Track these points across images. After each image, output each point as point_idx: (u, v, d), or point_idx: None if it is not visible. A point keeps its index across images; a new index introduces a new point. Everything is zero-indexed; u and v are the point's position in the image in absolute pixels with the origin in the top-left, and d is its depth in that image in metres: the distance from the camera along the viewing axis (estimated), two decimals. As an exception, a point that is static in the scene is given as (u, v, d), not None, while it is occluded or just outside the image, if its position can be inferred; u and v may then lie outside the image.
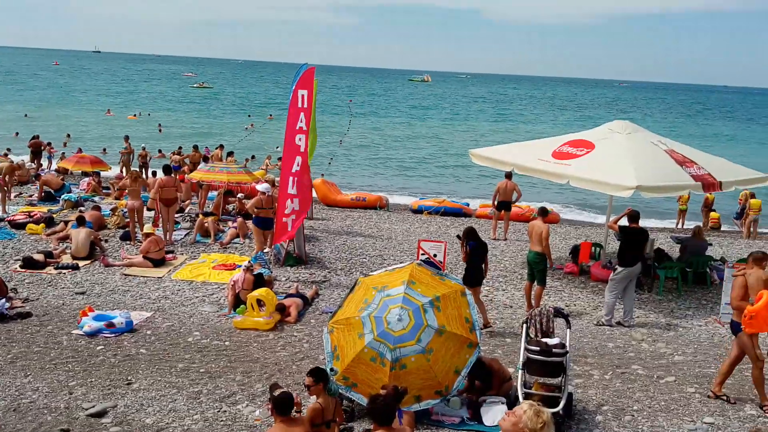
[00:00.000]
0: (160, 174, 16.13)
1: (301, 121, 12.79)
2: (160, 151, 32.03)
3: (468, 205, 22.93)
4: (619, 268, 11.25)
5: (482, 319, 10.69)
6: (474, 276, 10.72)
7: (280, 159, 17.99)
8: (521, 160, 14.11)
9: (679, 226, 22.51)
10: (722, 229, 22.49)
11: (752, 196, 20.76)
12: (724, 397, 8.49)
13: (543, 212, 12.17)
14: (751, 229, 20.75)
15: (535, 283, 11.73)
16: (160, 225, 15.66)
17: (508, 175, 17.17)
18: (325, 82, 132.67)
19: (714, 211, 22.78)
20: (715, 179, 12.82)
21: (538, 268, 11.59)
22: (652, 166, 12.64)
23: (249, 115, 59.16)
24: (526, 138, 21.79)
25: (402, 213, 21.70)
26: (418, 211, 21.70)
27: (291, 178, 12.89)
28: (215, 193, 18.88)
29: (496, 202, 17.61)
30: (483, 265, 10.87)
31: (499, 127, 63.74)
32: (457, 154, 38.79)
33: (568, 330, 8.21)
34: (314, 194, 20.63)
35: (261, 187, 14.50)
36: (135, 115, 54.14)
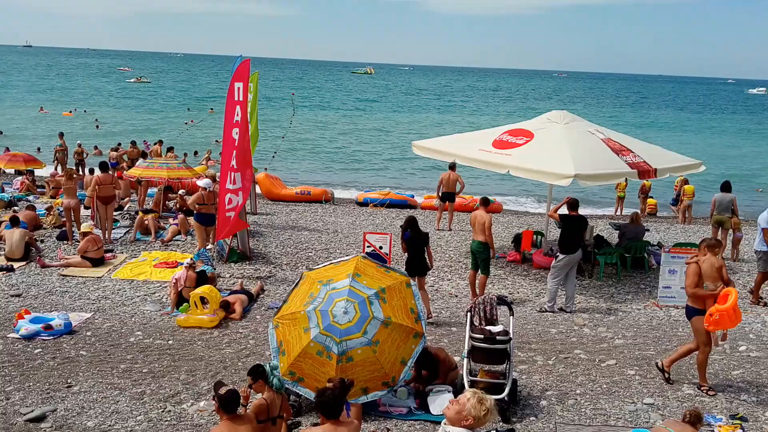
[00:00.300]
0: (97, 171, 15.71)
1: (237, 115, 12.59)
2: (96, 147, 31.24)
3: (413, 196, 23.07)
4: (561, 256, 11.47)
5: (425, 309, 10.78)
6: (413, 266, 10.74)
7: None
8: (463, 150, 14.23)
9: (618, 213, 23.08)
10: (659, 214, 23.17)
11: (686, 182, 21.43)
12: (667, 374, 8.69)
13: (485, 202, 12.31)
14: (686, 214, 21.43)
15: (479, 272, 11.87)
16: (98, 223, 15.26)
17: (452, 166, 17.34)
18: (267, 75, 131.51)
19: (651, 197, 23.45)
20: (650, 166, 13.16)
21: (482, 257, 11.73)
22: (590, 154, 12.90)
23: (188, 109, 58.18)
24: (469, 129, 22.01)
25: (347, 206, 21.69)
26: (363, 203, 21.72)
27: (230, 173, 12.71)
28: (155, 189, 18.50)
29: (440, 193, 17.78)
30: (426, 255, 10.91)
31: (443, 118, 64.22)
32: (401, 146, 38.94)
33: (511, 317, 8.33)
34: (258, 189, 20.44)
35: (202, 182, 14.27)
36: (70, 112, 52.64)
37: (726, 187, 15.76)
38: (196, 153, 31.06)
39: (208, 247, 13.78)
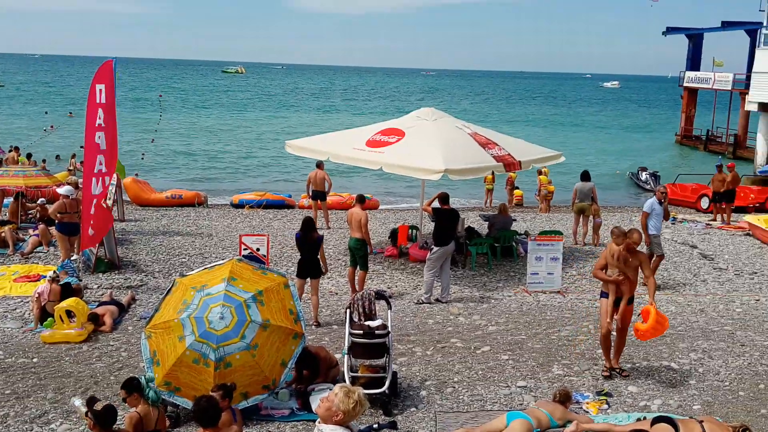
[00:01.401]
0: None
1: (100, 118, 12.05)
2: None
3: (290, 196, 22.89)
4: (435, 248, 11.79)
5: (313, 312, 10.73)
6: (304, 268, 10.64)
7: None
8: (337, 149, 14.33)
9: (487, 204, 23.95)
10: (525, 205, 24.23)
11: (540, 172, 22.48)
12: (619, 370, 8.87)
13: (360, 199, 12.43)
14: (545, 203, 22.58)
15: (358, 268, 11.98)
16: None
17: (319, 165, 17.46)
18: (135, 76, 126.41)
19: (518, 188, 24.49)
20: (515, 159, 13.78)
21: (359, 254, 11.85)
22: (458, 149, 13.34)
23: (46, 112, 54.97)
24: (342, 127, 22.11)
25: (222, 209, 21.23)
26: (239, 205, 21.32)
27: (96, 179, 12.14)
28: (11, 199, 17.32)
29: (310, 192, 17.90)
30: (319, 258, 10.81)
31: (318, 118, 64.20)
32: (276, 146, 38.56)
33: (389, 311, 8.47)
34: (125, 195, 19.62)
35: (63, 190, 13.51)
36: None
37: (585, 176, 16.71)
38: (57, 157, 29.43)
39: (72, 258, 13.09)
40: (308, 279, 10.72)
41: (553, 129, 60.40)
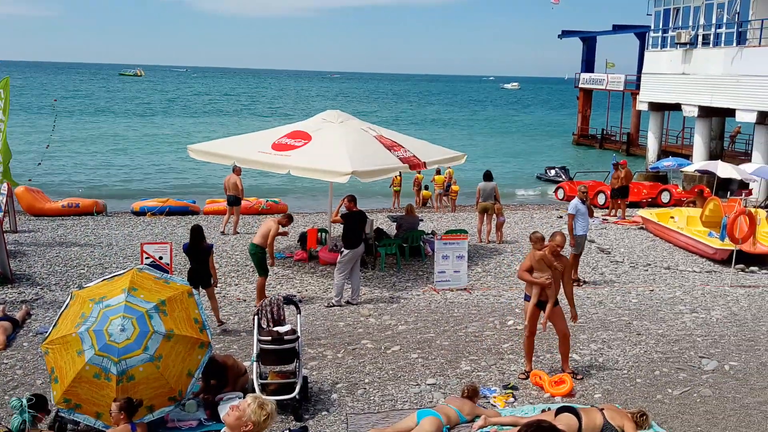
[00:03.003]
0: None
1: None
2: None
3: (194, 202, 22.36)
4: (345, 251, 11.79)
5: (214, 314, 10.57)
6: (195, 277, 10.40)
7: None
8: (241, 152, 14.11)
9: (395, 206, 24.18)
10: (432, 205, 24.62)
11: (438, 172, 22.90)
12: (571, 373, 8.70)
13: (289, 218, 12.25)
14: (440, 203, 23.10)
15: (258, 274, 11.83)
16: None
17: (235, 169, 17.17)
18: (27, 81, 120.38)
19: (426, 189, 24.85)
20: (419, 160, 13.98)
21: (255, 259, 11.65)
22: (365, 152, 13.40)
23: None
24: (246, 131, 21.78)
25: (122, 216, 20.49)
26: (140, 212, 20.64)
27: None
28: None
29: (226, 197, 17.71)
30: (210, 268, 10.62)
31: (221, 121, 63.07)
32: (178, 150, 37.58)
33: (298, 316, 8.41)
34: (17, 204, 18.64)
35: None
36: None
37: (488, 176, 17.13)
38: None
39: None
40: (200, 289, 10.43)
41: (456, 130, 61.64)
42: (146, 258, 11.30)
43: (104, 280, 7.69)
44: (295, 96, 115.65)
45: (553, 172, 32.21)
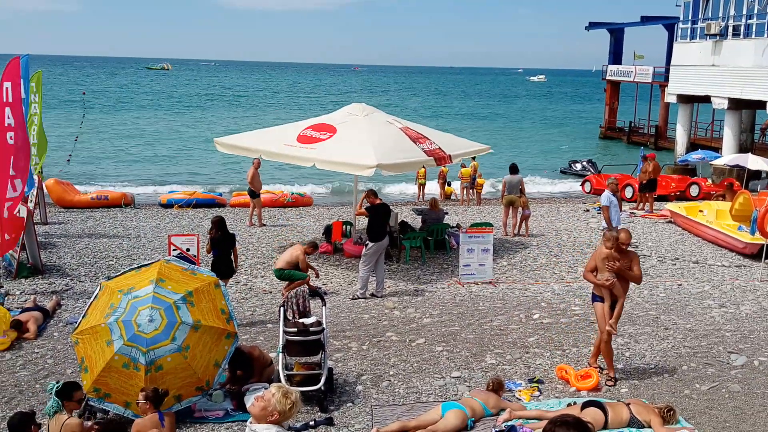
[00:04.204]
0: None
1: (9, 117, 11.57)
2: None
3: (221, 194, 22.56)
4: (370, 243, 11.82)
5: None
6: (218, 267, 10.49)
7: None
8: (267, 146, 14.18)
9: (420, 199, 24.15)
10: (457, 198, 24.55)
11: (463, 166, 22.83)
12: (597, 367, 8.61)
13: (314, 246, 12.14)
14: (466, 195, 22.96)
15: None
16: None
17: (254, 163, 17.29)
18: (52, 74, 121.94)
19: (449, 185, 24.79)
20: (445, 153, 13.93)
21: (286, 278, 11.61)
22: (390, 144, 13.38)
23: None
24: (271, 124, 21.89)
25: (150, 209, 20.71)
26: (168, 205, 20.85)
27: (10, 181, 11.66)
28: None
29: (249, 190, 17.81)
30: (232, 257, 10.78)
31: (247, 114, 63.45)
32: (205, 143, 37.89)
33: (324, 308, 8.45)
34: (48, 197, 18.93)
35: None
36: None
37: (513, 169, 17.03)
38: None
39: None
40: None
41: (481, 123, 61.32)
42: (174, 250, 11.41)
43: (132, 270, 7.80)
44: (326, 90, 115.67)
45: (579, 166, 31.92)
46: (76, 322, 8.00)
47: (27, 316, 10.12)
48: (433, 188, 24.60)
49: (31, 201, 15.10)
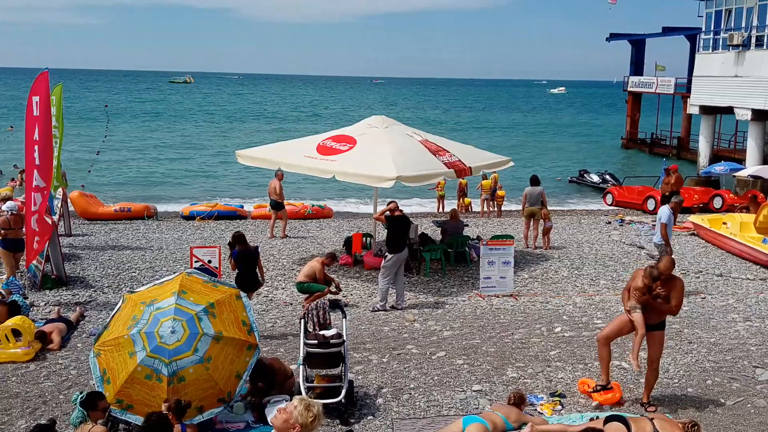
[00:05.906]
0: None
1: (36, 132, 11.78)
2: None
3: (242, 207, 22.69)
4: (390, 255, 11.82)
5: None
6: (243, 282, 10.52)
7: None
8: (288, 157, 14.27)
9: (440, 210, 24.11)
10: (477, 210, 24.48)
11: (484, 177, 22.75)
12: (646, 404, 8.24)
13: (332, 257, 12.16)
14: (486, 207, 22.88)
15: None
16: None
17: (276, 174, 17.38)
18: (75, 88, 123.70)
19: (466, 196, 24.74)
20: (465, 165, 13.92)
21: (308, 290, 11.65)
22: (409, 156, 13.42)
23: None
24: (290, 137, 22.02)
25: (173, 221, 20.89)
26: (189, 217, 21.02)
27: (33, 194, 11.85)
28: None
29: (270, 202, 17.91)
30: (257, 270, 10.84)
31: (265, 127, 63.83)
32: (226, 155, 38.19)
33: (344, 320, 8.46)
34: (71, 208, 19.17)
35: (6, 205, 13.15)
36: None
37: (535, 180, 16.98)
38: (0, 173, 28.66)
39: (17, 275, 12.72)
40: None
41: (501, 135, 61.18)
42: (195, 261, 11.50)
43: (155, 284, 7.88)
44: (348, 102, 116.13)
45: (596, 177, 31.47)
46: (98, 334, 8.10)
47: (51, 327, 10.24)
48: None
49: (56, 213, 15.29)
